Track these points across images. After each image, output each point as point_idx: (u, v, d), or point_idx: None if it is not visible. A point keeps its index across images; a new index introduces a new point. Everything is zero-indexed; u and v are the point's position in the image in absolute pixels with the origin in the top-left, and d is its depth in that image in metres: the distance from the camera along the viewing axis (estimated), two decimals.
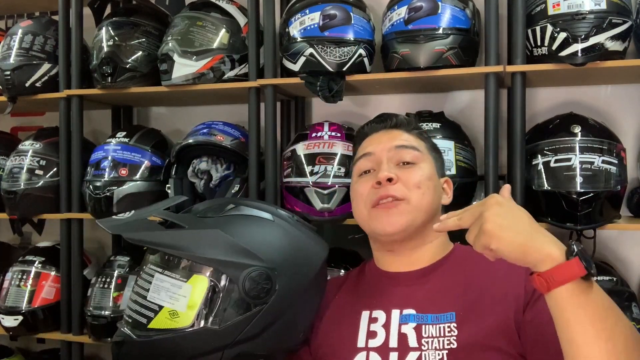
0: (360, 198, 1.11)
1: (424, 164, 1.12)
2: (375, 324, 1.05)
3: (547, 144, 1.51)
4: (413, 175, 1.09)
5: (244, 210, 1.00)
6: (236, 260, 0.91)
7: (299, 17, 1.63)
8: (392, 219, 1.06)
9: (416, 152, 1.12)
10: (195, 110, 2.17)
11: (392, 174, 1.07)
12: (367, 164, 1.13)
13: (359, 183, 1.13)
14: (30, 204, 1.93)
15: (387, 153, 1.11)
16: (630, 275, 1.74)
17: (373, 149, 1.14)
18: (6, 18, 2.51)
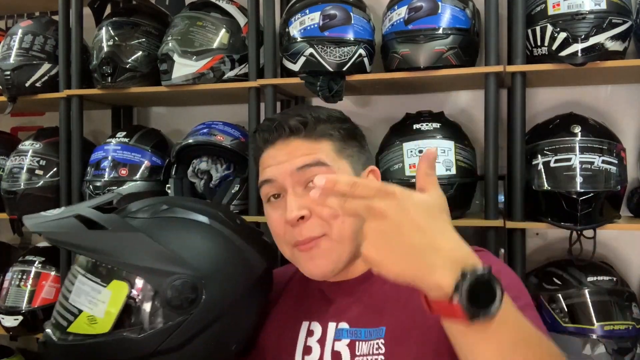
0: (278, 237, 0.98)
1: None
2: (312, 338, 0.98)
3: (547, 144, 1.51)
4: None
5: (177, 213, 0.93)
6: (159, 267, 0.85)
7: (299, 17, 1.63)
8: (317, 261, 0.94)
9: (322, 167, 0.93)
10: (195, 110, 2.17)
11: (303, 209, 0.91)
12: (272, 190, 0.98)
13: (270, 213, 0.99)
14: (30, 204, 1.92)
15: (291, 178, 0.94)
16: (630, 275, 1.74)
17: (273, 173, 0.96)
18: (6, 18, 2.51)
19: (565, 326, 1.47)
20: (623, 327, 1.44)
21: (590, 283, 1.50)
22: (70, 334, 0.86)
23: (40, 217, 0.90)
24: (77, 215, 0.89)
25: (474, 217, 1.63)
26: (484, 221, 1.53)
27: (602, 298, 1.48)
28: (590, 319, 1.45)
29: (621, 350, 1.42)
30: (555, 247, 1.79)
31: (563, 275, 1.55)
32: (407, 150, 1.56)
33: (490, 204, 1.53)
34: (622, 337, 1.43)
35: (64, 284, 0.91)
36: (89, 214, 0.89)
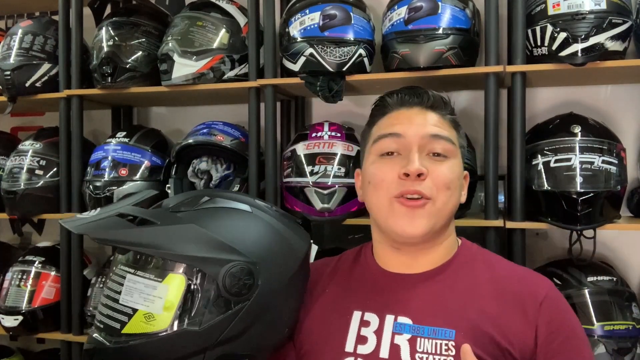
0: (382, 184, 0.97)
1: (455, 159, 0.99)
2: (367, 329, 0.96)
3: (547, 144, 1.51)
4: (444, 172, 0.96)
5: (220, 203, 0.93)
6: (214, 255, 0.85)
7: (299, 17, 1.63)
8: (416, 221, 0.94)
9: (450, 145, 0.98)
10: (195, 110, 2.17)
11: (424, 168, 0.94)
12: (392, 145, 0.98)
13: (381, 165, 0.98)
14: (30, 204, 1.93)
15: (420, 140, 0.96)
16: (630, 275, 1.74)
17: (404, 130, 0.97)
18: (6, 18, 2.51)
19: None
20: (623, 327, 1.44)
21: (590, 283, 1.50)
22: (126, 335, 0.84)
23: (79, 219, 0.87)
24: (118, 213, 0.89)
25: (474, 217, 1.63)
26: (484, 221, 1.53)
27: (602, 298, 1.48)
28: (590, 319, 1.45)
29: (621, 350, 1.42)
30: (555, 247, 1.79)
31: (563, 275, 1.55)
32: None
33: (490, 204, 1.53)
34: (622, 337, 1.43)
35: (106, 287, 0.88)
36: (131, 212, 0.89)
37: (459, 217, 1.58)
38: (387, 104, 1.04)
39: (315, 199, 1.58)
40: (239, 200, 0.95)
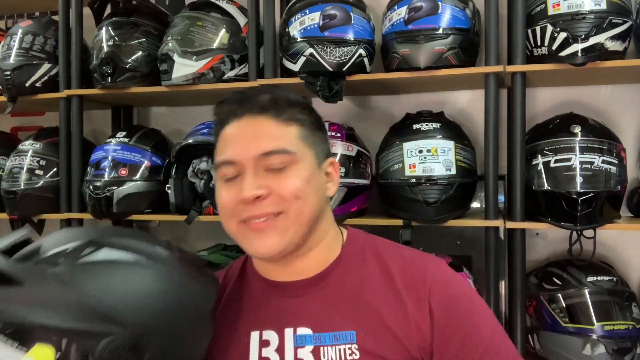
0: (226, 211, 0.92)
1: (299, 164, 0.91)
2: (267, 349, 0.91)
3: (547, 144, 1.51)
4: (288, 184, 0.89)
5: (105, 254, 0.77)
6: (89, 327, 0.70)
7: (299, 17, 1.63)
8: (267, 241, 0.89)
9: (287, 155, 0.90)
10: (195, 110, 2.17)
11: (261, 189, 0.88)
12: (230, 171, 0.92)
13: (222, 192, 0.93)
14: (30, 204, 1.93)
15: (253, 161, 0.89)
16: (630, 275, 1.74)
17: (235, 154, 0.91)
18: (6, 18, 2.51)
19: (565, 326, 1.47)
20: (623, 327, 1.44)
21: (590, 283, 1.50)
22: None
23: None
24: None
25: (474, 217, 1.63)
26: (484, 221, 1.53)
27: (602, 298, 1.48)
28: (590, 319, 1.45)
29: (621, 350, 1.42)
30: (555, 247, 1.79)
31: (563, 275, 1.55)
32: (407, 150, 1.56)
33: (490, 204, 1.53)
34: (622, 337, 1.43)
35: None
36: None
37: (458, 217, 1.58)
38: (220, 118, 0.96)
39: None
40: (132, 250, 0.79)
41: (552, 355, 1.49)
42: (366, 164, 1.70)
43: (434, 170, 1.53)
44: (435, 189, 1.52)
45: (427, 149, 1.54)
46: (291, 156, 0.90)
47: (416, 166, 1.53)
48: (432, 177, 1.52)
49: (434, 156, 1.54)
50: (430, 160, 1.54)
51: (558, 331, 1.47)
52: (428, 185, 1.52)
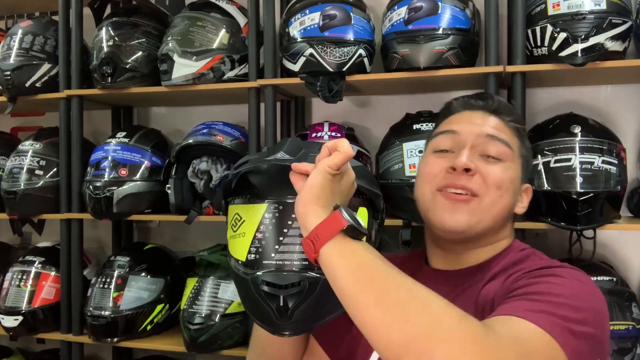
0: (427, 177, 0.96)
1: (511, 163, 0.96)
2: None
3: (547, 144, 1.51)
4: (496, 172, 0.93)
5: None
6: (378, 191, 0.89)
7: (299, 17, 1.63)
8: (456, 215, 0.92)
9: (507, 148, 0.95)
10: (195, 110, 2.17)
11: (472, 163, 0.92)
12: (446, 143, 0.97)
13: (430, 161, 0.98)
14: (30, 204, 1.93)
15: (475, 139, 0.95)
16: (630, 275, 1.74)
17: (460, 128, 0.97)
18: (6, 18, 2.51)
19: None
20: (623, 327, 1.44)
21: None
22: None
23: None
24: None
25: None
26: None
27: None
28: None
29: (621, 351, 1.42)
30: (555, 247, 1.79)
31: None
32: (407, 150, 1.56)
33: None
34: (622, 337, 1.43)
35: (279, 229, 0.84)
36: None
37: None
38: (451, 106, 1.05)
39: None
40: None
41: None
42: (366, 164, 1.70)
43: None
44: None
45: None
46: (509, 152, 0.96)
47: (416, 166, 1.53)
48: None
49: None
50: None
51: None
52: None
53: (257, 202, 0.86)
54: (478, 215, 0.92)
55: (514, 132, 1.00)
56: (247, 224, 0.86)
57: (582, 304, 0.78)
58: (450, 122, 1.01)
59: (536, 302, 0.75)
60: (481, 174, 0.93)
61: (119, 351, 2.14)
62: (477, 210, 0.92)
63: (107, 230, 2.23)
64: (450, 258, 0.99)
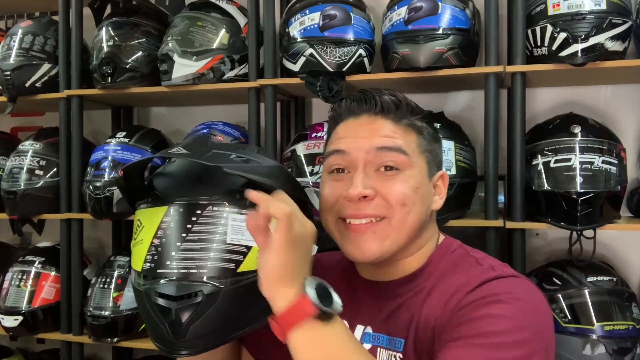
0: (326, 205, 0.92)
1: (411, 170, 0.89)
2: None
3: (547, 144, 1.51)
4: (396, 189, 0.87)
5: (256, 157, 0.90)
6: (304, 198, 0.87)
7: (299, 18, 1.63)
8: (364, 246, 0.87)
9: (402, 156, 0.89)
10: (195, 110, 2.17)
11: (369, 189, 0.87)
12: (340, 162, 0.91)
13: (328, 184, 0.93)
14: (30, 204, 1.93)
15: (366, 155, 0.88)
16: (630, 275, 1.74)
17: (348, 146, 0.90)
18: (6, 18, 2.51)
19: (565, 326, 1.46)
20: (623, 327, 1.44)
21: (590, 283, 1.50)
22: (242, 274, 0.78)
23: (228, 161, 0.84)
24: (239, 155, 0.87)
25: (474, 217, 1.63)
26: (484, 221, 1.53)
27: (602, 298, 1.48)
28: (590, 319, 1.45)
29: (621, 351, 1.42)
30: (555, 247, 1.79)
31: (563, 276, 1.54)
32: None
33: (490, 204, 1.53)
34: (622, 337, 1.43)
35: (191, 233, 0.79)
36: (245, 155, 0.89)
37: (458, 217, 1.59)
38: (337, 113, 0.96)
39: (316, 199, 1.57)
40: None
41: None
42: None
43: None
44: None
45: None
46: (406, 158, 0.89)
47: None
48: None
49: None
50: None
51: (558, 331, 1.47)
52: None
53: (157, 205, 0.81)
54: (389, 237, 0.88)
55: (407, 129, 0.92)
56: (145, 230, 0.81)
57: (525, 335, 0.77)
58: (338, 136, 0.94)
59: (479, 347, 0.74)
60: (381, 195, 0.87)
61: (119, 351, 2.14)
62: (386, 232, 0.88)
63: (107, 230, 2.23)
64: (380, 270, 0.95)
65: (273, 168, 0.86)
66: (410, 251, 0.93)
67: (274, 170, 0.85)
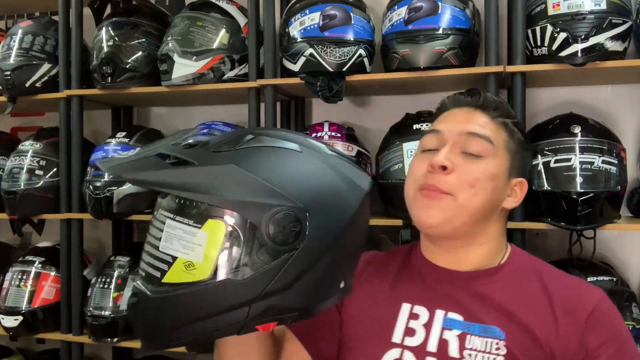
0: (412, 177, 1.00)
1: (492, 159, 0.97)
2: (416, 321, 0.96)
3: (547, 144, 1.51)
4: (472, 170, 0.95)
5: (266, 141, 0.83)
6: (256, 200, 0.76)
7: (299, 17, 1.63)
8: (431, 211, 0.95)
9: (487, 144, 0.97)
10: (195, 110, 2.17)
11: (449, 161, 0.95)
12: (432, 142, 1.01)
13: (417, 160, 1.02)
14: (30, 204, 1.93)
15: (456, 137, 0.98)
16: (630, 275, 1.74)
17: (443, 127, 1.01)
18: (6, 18, 2.51)
19: None
20: None
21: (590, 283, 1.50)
22: (166, 285, 0.77)
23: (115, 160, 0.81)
24: (157, 153, 0.81)
25: None
26: None
27: None
28: None
29: None
30: (555, 247, 1.79)
31: None
32: (407, 151, 1.56)
33: None
34: None
35: (149, 233, 0.82)
36: (169, 151, 0.81)
37: None
38: (443, 104, 1.08)
39: None
40: (288, 139, 0.85)
41: None
42: (366, 165, 1.70)
43: None
44: None
45: None
46: (491, 147, 0.97)
47: None
48: None
49: None
50: None
51: None
52: None
53: None
54: (451, 212, 0.95)
55: (500, 127, 1.01)
56: None
57: None
58: (439, 120, 1.05)
59: None
60: (458, 171, 0.95)
61: (119, 351, 2.14)
62: (448, 207, 0.95)
63: (107, 230, 2.23)
64: (449, 256, 1.01)
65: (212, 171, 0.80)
66: (477, 240, 1.00)
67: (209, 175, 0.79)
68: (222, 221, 0.76)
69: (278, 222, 0.76)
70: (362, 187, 0.86)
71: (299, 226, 0.77)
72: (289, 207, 0.77)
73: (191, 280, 0.76)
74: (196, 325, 0.76)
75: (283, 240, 0.76)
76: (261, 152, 0.82)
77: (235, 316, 0.76)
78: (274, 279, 0.76)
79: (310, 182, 0.80)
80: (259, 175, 0.77)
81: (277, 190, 0.77)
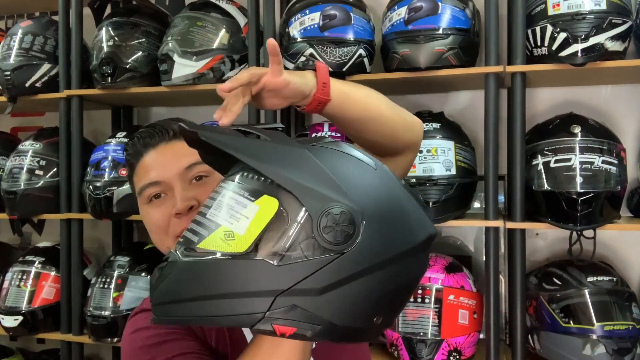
0: (159, 229, 0.96)
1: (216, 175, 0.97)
2: None
3: (547, 144, 1.51)
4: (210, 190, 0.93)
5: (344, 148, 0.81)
6: (318, 189, 0.74)
7: (299, 17, 1.63)
8: None
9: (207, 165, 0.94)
10: (195, 110, 2.17)
11: (192, 200, 0.94)
12: (156, 190, 0.97)
13: (151, 212, 0.98)
14: (30, 204, 1.93)
15: (179, 177, 0.96)
16: (630, 275, 1.74)
17: (160, 176, 0.97)
18: (6, 18, 2.51)
19: (565, 326, 1.47)
20: (623, 327, 1.44)
21: (590, 283, 1.50)
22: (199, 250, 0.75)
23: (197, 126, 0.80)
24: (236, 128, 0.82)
25: (474, 217, 1.63)
26: (484, 221, 1.53)
27: (602, 298, 1.48)
28: (590, 319, 1.45)
29: (621, 351, 1.42)
30: (555, 247, 1.79)
31: (563, 276, 1.55)
32: None
33: (490, 204, 1.53)
34: (622, 337, 1.43)
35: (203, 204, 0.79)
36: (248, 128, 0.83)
37: (458, 217, 1.58)
38: (135, 151, 1.02)
39: None
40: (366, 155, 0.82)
41: (552, 356, 1.49)
42: None
43: (434, 171, 1.53)
44: (435, 189, 1.52)
45: (427, 149, 1.55)
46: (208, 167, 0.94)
47: (416, 166, 1.53)
48: (432, 177, 1.53)
49: (434, 156, 1.54)
50: (430, 161, 1.54)
51: (558, 331, 1.47)
52: (428, 185, 1.52)
53: None
54: None
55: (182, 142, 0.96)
56: None
57: None
58: (146, 169, 0.99)
59: None
60: (201, 201, 0.93)
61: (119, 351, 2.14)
62: None
63: (107, 230, 2.23)
64: None
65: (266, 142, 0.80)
66: None
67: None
68: (276, 200, 0.74)
69: (332, 217, 0.72)
70: (428, 229, 0.81)
71: (352, 228, 0.73)
72: (348, 206, 0.73)
73: (226, 250, 0.73)
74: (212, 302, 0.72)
75: (332, 237, 0.72)
76: (336, 154, 0.80)
77: (256, 304, 0.71)
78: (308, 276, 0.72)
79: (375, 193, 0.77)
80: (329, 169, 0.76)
81: (341, 187, 0.74)
